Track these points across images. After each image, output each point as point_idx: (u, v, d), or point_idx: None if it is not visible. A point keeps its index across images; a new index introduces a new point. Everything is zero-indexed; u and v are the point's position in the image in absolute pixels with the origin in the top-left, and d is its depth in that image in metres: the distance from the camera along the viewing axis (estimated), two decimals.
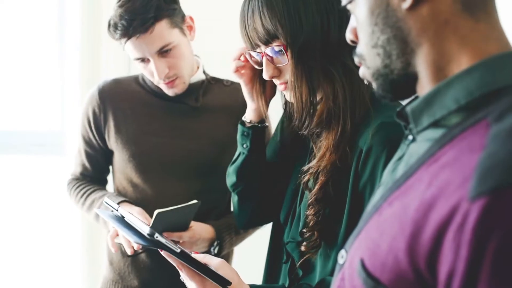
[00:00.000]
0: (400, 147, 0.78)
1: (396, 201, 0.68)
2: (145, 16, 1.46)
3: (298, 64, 1.12)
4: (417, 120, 0.72)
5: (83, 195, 1.70)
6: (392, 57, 0.72)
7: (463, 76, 0.67)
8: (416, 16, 0.69)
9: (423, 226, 0.61)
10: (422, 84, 0.72)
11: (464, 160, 0.61)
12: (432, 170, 0.65)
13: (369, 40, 0.73)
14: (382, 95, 0.77)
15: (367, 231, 0.72)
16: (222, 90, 1.70)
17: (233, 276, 1.11)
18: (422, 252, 0.61)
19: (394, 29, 0.70)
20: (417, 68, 0.71)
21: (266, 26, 1.11)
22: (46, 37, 2.37)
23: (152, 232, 1.07)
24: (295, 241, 1.22)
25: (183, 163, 1.63)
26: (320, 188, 1.14)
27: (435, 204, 0.61)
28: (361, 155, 1.10)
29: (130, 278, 1.66)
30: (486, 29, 0.68)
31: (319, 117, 1.15)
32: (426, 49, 0.70)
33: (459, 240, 0.57)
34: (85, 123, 1.68)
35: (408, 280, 0.63)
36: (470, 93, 0.66)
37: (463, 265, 0.57)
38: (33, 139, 2.39)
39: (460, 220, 0.57)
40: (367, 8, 0.73)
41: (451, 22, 0.68)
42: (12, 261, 2.44)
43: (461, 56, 0.68)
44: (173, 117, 1.64)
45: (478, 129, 0.63)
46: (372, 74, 0.75)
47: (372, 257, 0.68)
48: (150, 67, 1.55)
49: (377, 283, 0.66)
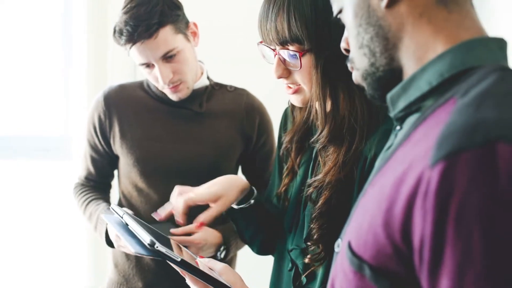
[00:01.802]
0: (390, 138, 0.81)
1: (377, 183, 0.72)
2: (149, 22, 1.48)
3: (323, 76, 1.10)
4: (395, 104, 0.77)
5: (83, 202, 1.71)
6: (377, 55, 0.76)
7: (435, 61, 0.71)
8: (395, 13, 0.74)
9: (395, 199, 0.65)
10: (407, 75, 0.75)
11: (430, 134, 0.65)
12: (405, 149, 0.69)
13: (356, 42, 0.78)
14: (372, 94, 0.81)
15: (355, 215, 0.76)
16: (226, 96, 1.71)
17: (236, 280, 1.11)
18: (396, 224, 0.64)
19: (376, 28, 0.75)
20: (401, 62, 0.75)
21: (292, 29, 1.08)
22: (52, 42, 2.39)
23: (152, 242, 1.07)
24: (299, 248, 1.21)
25: (187, 168, 1.64)
26: (324, 203, 1.14)
27: (405, 178, 0.64)
28: (366, 162, 1.10)
29: (135, 280, 1.68)
30: (459, 18, 0.73)
31: (337, 132, 1.13)
32: (406, 42, 0.74)
33: (425, 206, 0.60)
34: (90, 129, 1.70)
35: (387, 254, 0.66)
36: (441, 75, 0.70)
37: (430, 229, 0.60)
38: (38, 143, 2.41)
39: (424, 188, 0.61)
40: (352, 12, 0.78)
41: (425, 14, 0.73)
42: (18, 264, 2.45)
43: (436, 44, 0.72)
44: (177, 123, 1.66)
45: (446, 107, 0.67)
46: (362, 75, 0.80)
47: (356, 238, 0.71)
48: (154, 72, 1.57)
49: (361, 261, 0.69)
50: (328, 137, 1.14)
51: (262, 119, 1.72)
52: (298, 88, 1.16)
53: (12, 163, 2.44)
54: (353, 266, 0.70)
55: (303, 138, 1.26)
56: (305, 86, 1.15)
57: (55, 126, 2.42)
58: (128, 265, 1.69)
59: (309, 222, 1.18)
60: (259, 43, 1.17)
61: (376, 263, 0.67)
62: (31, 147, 2.40)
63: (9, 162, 2.44)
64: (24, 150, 2.39)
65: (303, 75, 1.13)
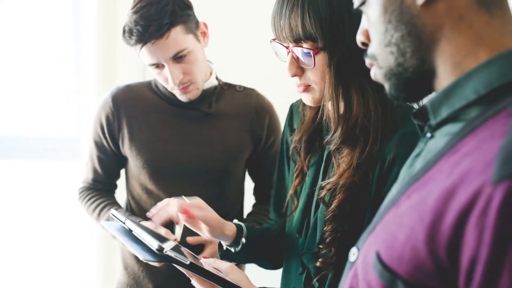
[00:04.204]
0: (418, 145, 0.78)
1: (414, 194, 0.67)
2: (160, 22, 1.47)
3: (337, 75, 1.09)
4: (436, 111, 0.72)
5: (95, 208, 1.70)
6: (407, 55, 0.72)
7: (482, 68, 0.67)
8: (432, 12, 0.69)
9: (443, 214, 0.60)
10: (441, 80, 0.71)
11: (485, 147, 0.61)
12: (452, 160, 0.64)
13: (382, 39, 0.73)
14: (395, 95, 0.76)
15: (384, 225, 0.71)
16: (235, 96, 1.70)
17: (243, 279, 1.10)
18: (443, 240, 0.60)
19: (409, 26, 0.70)
20: (434, 65, 0.71)
21: (306, 26, 1.06)
22: (62, 44, 2.39)
23: (160, 247, 1.05)
24: (311, 252, 1.19)
25: (196, 170, 1.63)
26: (338, 206, 1.12)
27: (456, 191, 0.60)
28: (384, 164, 1.08)
29: (145, 282, 1.67)
30: (501, 24, 0.69)
31: (350, 132, 1.11)
32: (441, 45, 0.70)
33: (482, 225, 0.56)
34: (97, 129, 1.68)
35: (427, 270, 0.62)
36: (490, 84, 0.66)
37: (487, 250, 0.56)
38: (47, 144, 2.41)
39: (483, 205, 0.57)
40: (380, 6, 0.73)
41: (466, 17, 0.68)
42: (26, 264, 2.45)
43: (478, 50, 0.68)
44: (186, 123, 1.65)
45: (499, 119, 0.63)
46: (385, 74, 0.75)
47: (389, 250, 0.67)
48: (164, 73, 1.55)
49: (394, 275, 0.65)
50: (341, 138, 1.12)
51: (271, 119, 1.71)
52: (308, 87, 1.14)
53: (21, 164, 2.44)
54: (382, 279, 0.66)
55: (312, 138, 1.24)
56: (317, 85, 1.13)
57: (64, 127, 2.42)
58: (138, 267, 1.68)
59: (321, 225, 1.16)
60: (272, 40, 1.15)
61: (412, 279, 0.63)
62: (40, 147, 2.40)
63: (18, 162, 2.44)
64: (33, 150, 2.39)
65: (316, 74, 1.11)
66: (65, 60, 2.39)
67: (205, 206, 1.29)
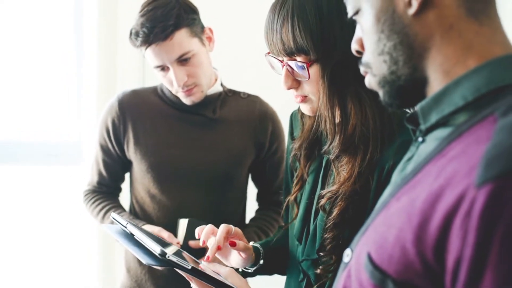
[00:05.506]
0: (410, 149, 0.79)
1: (404, 196, 0.69)
2: (165, 24, 1.49)
3: (331, 86, 1.08)
4: (426, 117, 0.73)
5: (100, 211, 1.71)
6: (399, 63, 0.73)
7: (471, 75, 0.69)
8: (422, 22, 0.70)
9: (430, 215, 0.62)
10: (433, 87, 0.73)
11: (470, 152, 0.62)
12: (440, 164, 0.66)
13: (375, 48, 0.75)
14: (389, 102, 0.78)
15: (375, 226, 0.73)
16: (239, 103, 1.71)
17: (242, 284, 1.11)
18: (430, 241, 0.62)
19: (401, 35, 0.72)
20: (425, 72, 0.72)
21: (297, 40, 1.06)
22: (63, 48, 2.39)
23: (163, 252, 1.06)
24: (311, 259, 1.19)
25: (199, 175, 1.64)
26: (339, 214, 1.11)
27: (443, 194, 0.62)
28: (383, 171, 1.08)
29: (147, 285, 1.68)
30: (490, 32, 0.70)
31: (349, 141, 1.10)
32: (432, 53, 0.71)
33: (466, 226, 0.58)
34: (103, 133, 1.70)
35: (415, 270, 0.63)
36: (477, 90, 0.68)
37: (470, 251, 0.57)
38: (48, 149, 2.41)
39: (467, 207, 0.58)
40: (373, 16, 0.74)
41: (455, 27, 0.70)
42: (29, 268, 2.44)
43: (467, 58, 0.69)
44: (190, 129, 1.65)
45: (485, 124, 0.64)
46: (379, 82, 0.76)
47: (379, 250, 0.68)
48: (169, 75, 1.57)
49: (384, 275, 0.66)
50: (340, 148, 1.11)
51: (274, 126, 1.72)
52: (305, 97, 1.14)
53: (22, 169, 2.44)
54: (373, 279, 0.68)
55: (312, 145, 1.24)
56: (315, 96, 1.12)
57: (65, 132, 2.42)
58: (141, 270, 1.69)
59: (321, 233, 1.16)
60: (267, 54, 1.16)
61: (401, 278, 0.65)
62: (41, 152, 2.40)
63: (19, 168, 2.44)
64: (34, 156, 2.39)
65: (312, 85, 1.11)
66: (66, 65, 2.39)
67: (242, 236, 1.28)
